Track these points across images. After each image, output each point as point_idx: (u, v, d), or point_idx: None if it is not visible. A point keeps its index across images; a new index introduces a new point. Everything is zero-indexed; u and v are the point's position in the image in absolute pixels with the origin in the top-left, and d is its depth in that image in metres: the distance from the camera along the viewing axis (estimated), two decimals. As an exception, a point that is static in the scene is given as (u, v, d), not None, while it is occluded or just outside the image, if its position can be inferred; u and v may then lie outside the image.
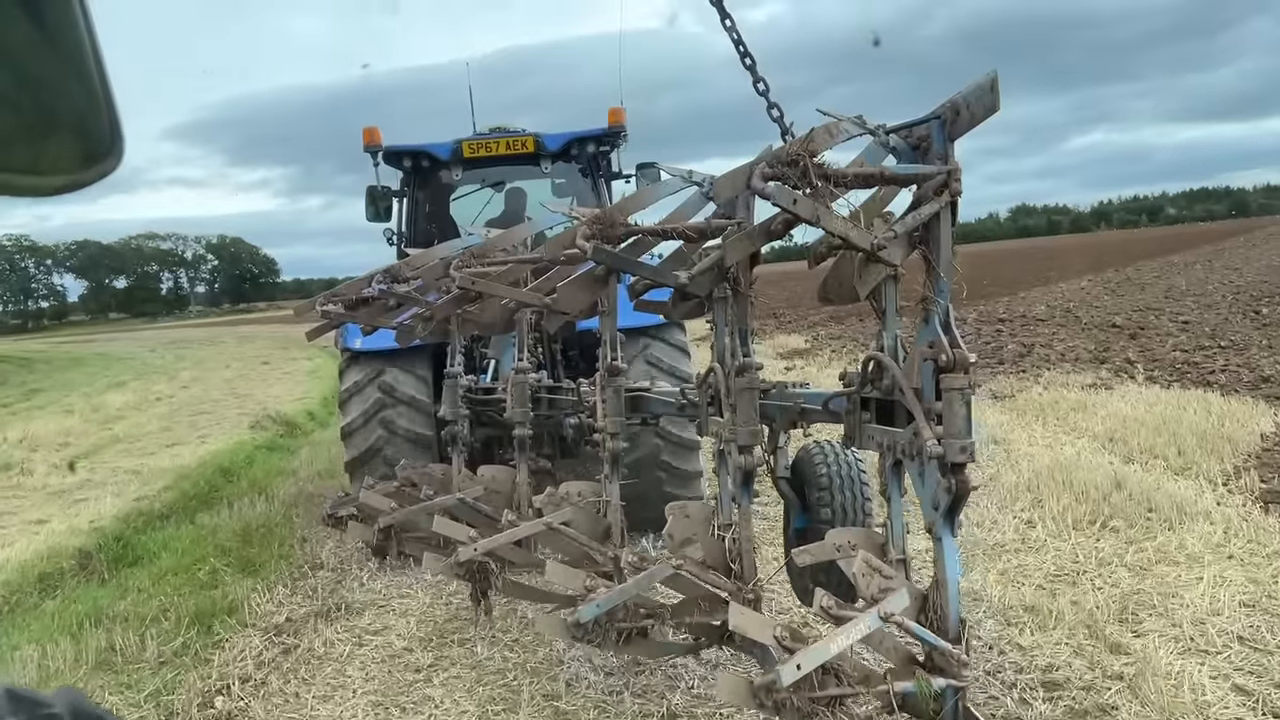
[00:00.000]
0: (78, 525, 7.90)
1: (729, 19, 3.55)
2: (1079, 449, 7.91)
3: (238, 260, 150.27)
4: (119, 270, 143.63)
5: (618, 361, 4.33)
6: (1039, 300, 25.51)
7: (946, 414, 2.69)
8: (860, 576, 2.66)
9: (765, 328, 24.80)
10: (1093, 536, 5.72)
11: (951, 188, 2.61)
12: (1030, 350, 14.77)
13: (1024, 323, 19.58)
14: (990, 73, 2.57)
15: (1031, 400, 10.33)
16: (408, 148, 7.84)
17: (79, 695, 0.73)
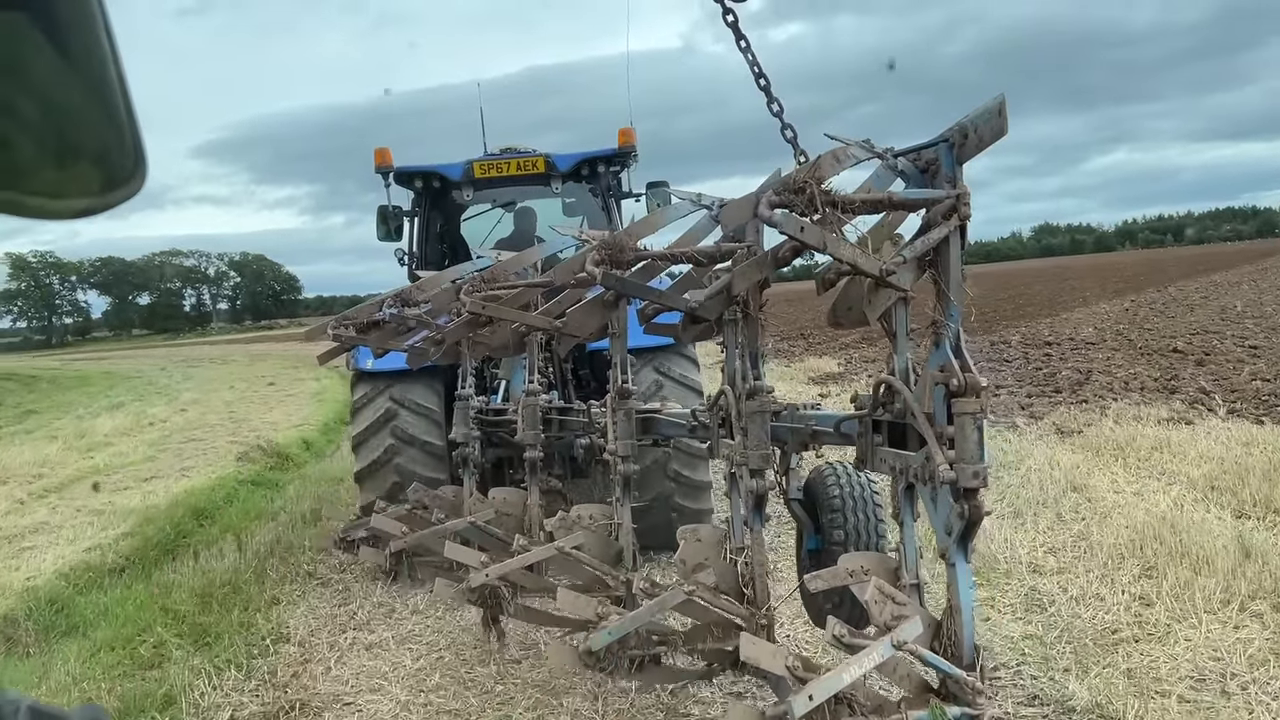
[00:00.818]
0: (10, 583, 6.86)
1: (744, 40, 3.56)
2: (1176, 499, 6.72)
3: (260, 277, 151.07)
4: (142, 287, 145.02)
5: (628, 384, 4.32)
6: (1083, 321, 23.90)
7: (959, 439, 2.67)
8: (873, 604, 2.63)
9: (794, 349, 23.76)
10: (1230, 622, 4.58)
11: (960, 211, 2.60)
12: (1088, 377, 13.48)
13: (1073, 345, 18.08)
14: (998, 97, 2.56)
15: (1104, 437, 9.12)
16: (419, 168, 7.88)
17: (101, 712, 0.73)
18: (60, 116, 0.57)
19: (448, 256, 8.18)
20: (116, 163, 0.61)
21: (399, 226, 8.14)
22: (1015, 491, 7.22)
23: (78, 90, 0.57)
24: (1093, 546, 5.83)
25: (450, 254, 8.26)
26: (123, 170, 0.61)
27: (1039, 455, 8.30)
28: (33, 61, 0.54)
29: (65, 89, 0.56)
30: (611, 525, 4.39)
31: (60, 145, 0.58)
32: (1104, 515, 6.45)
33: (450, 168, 7.77)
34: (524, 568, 4.09)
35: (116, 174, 0.61)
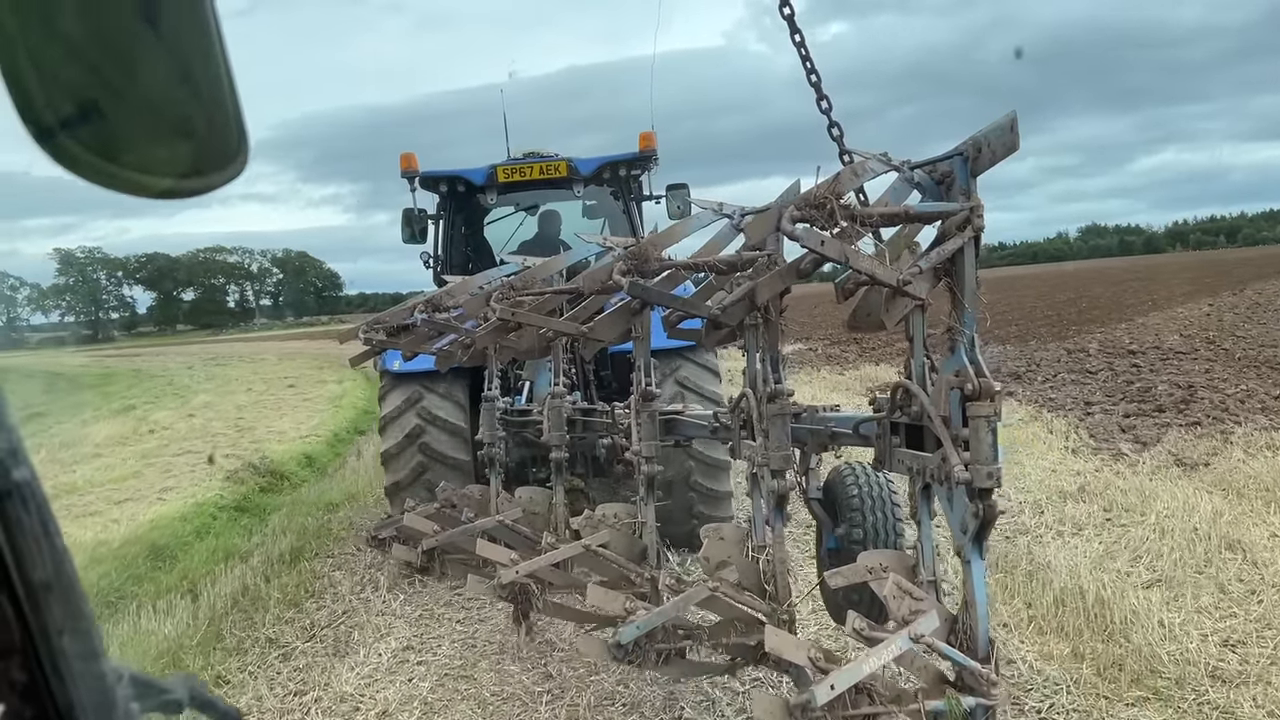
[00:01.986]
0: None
1: (799, 34, 3.65)
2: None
3: (302, 274, 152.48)
4: (186, 283, 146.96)
5: (652, 387, 4.45)
6: (1162, 327, 21.54)
7: (973, 441, 2.78)
8: (891, 599, 2.75)
9: (845, 354, 21.63)
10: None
11: (974, 223, 2.71)
12: (1193, 393, 11.66)
13: (1160, 355, 16.09)
14: (1010, 113, 2.67)
15: (1239, 472, 7.48)
16: (443, 173, 8.04)
17: (197, 681, 0.76)
18: (151, 93, 0.59)
19: (471, 259, 8.34)
20: (208, 143, 0.62)
21: (423, 229, 8.31)
22: (1153, 550, 5.79)
23: (168, 69, 0.59)
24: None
25: (474, 257, 8.42)
26: (217, 152, 0.63)
27: (1166, 497, 6.81)
28: (130, 41, 0.57)
29: (156, 66, 0.58)
30: (635, 524, 4.52)
31: (150, 121, 0.60)
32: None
33: (474, 172, 7.93)
34: (552, 565, 4.23)
35: (209, 155, 0.62)
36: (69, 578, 0.57)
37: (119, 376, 33.61)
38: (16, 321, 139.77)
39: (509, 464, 6.21)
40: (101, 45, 0.57)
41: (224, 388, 25.02)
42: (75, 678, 0.57)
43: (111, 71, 0.57)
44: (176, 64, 0.59)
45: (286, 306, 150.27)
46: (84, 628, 0.58)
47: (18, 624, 0.55)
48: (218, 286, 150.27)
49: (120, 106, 0.58)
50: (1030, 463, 8.55)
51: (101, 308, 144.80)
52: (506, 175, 7.83)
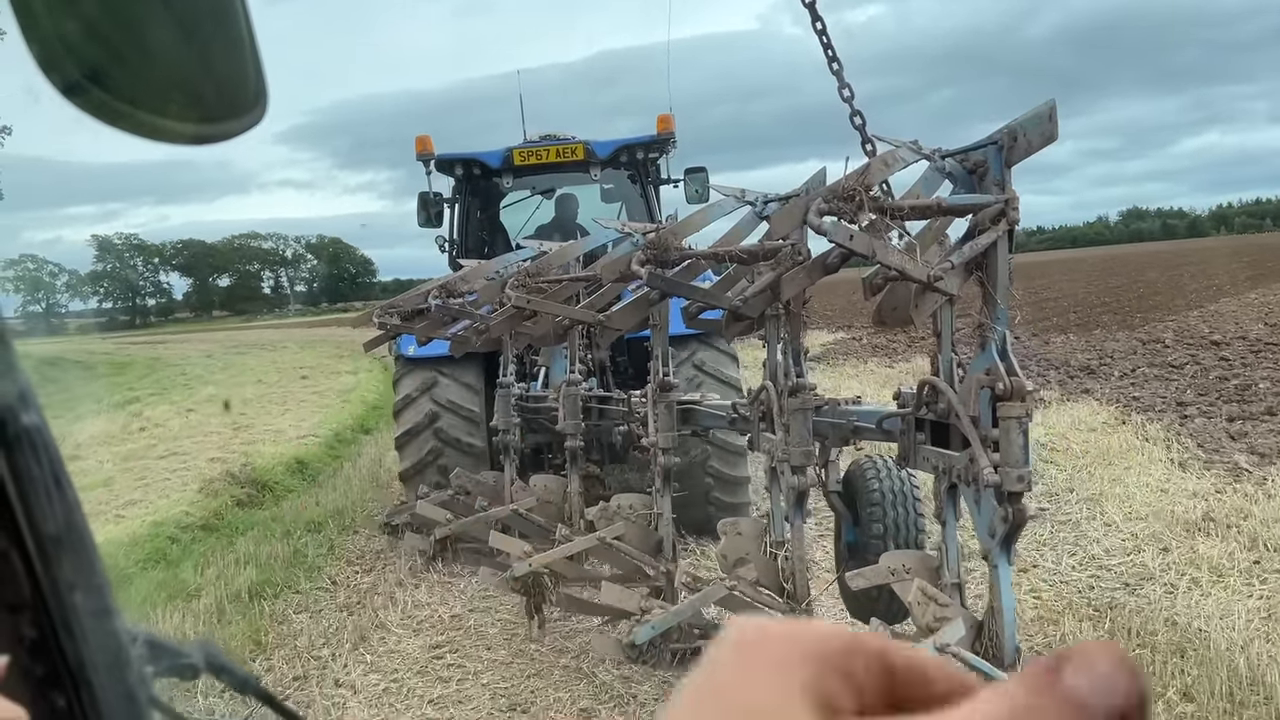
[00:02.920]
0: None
1: (820, 21, 3.54)
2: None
3: (337, 260, 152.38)
4: (221, 269, 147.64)
5: (670, 377, 4.37)
6: (1239, 315, 19.41)
7: (1003, 443, 2.68)
8: (916, 605, 2.66)
9: (894, 345, 19.33)
10: None
11: (1009, 216, 2.60)
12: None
13: (1249, 346, 14.28)
14: (1049, 101, 2.55)
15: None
16: (459, 156, 7.95)
17: (215, 647, 0.75)
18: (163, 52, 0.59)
19: (487, 243, 8.26)
20: (218, 97, 0.63)
21: (439, 213, 8.23)
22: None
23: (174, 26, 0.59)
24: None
25: (490, 241, 8.33)
26: (230, 104, 0.63)
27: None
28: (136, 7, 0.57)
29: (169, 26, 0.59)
30: (651, 515, 4.45)
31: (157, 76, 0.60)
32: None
33: (490, 155, 7.83)
34: (566, 557, 4.17)
35: (220, 107, 0.63)
36: (80, 531, 0.55)
37: (135, 366, 32.56)
38: (56, 308, 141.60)
39: (524, 450, 6.15)
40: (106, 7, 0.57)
41: (235, 379, 23.41)
42: (87, 635, 0.56)
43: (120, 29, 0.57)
44: (186, 17, 0.59)
45: (321, 293, 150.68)
46: (96, 584, 0.56)
47: (28, 578, 0.53)
48: (252, 273, 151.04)
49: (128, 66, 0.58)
50: (1132, 479, 7.17)
51: (138, 294, 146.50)
52: (523, 158, 7.74)
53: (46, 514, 0.53)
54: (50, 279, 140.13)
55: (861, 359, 17.95)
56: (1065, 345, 17.08)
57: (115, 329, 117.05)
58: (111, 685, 0.58)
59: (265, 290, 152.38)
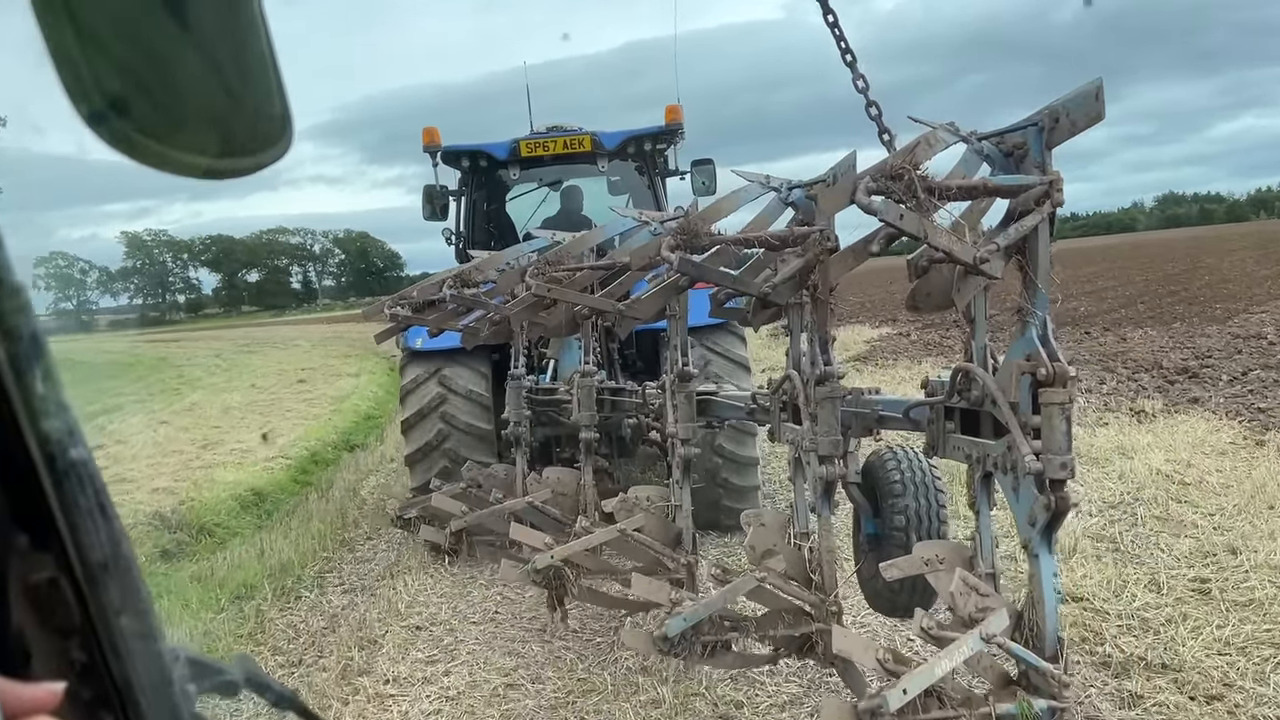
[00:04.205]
0: None
1: (832, 14, 3.51)
2: None
3: (364, 254, 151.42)
4: (250, 264, 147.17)
5: (689, 367, 4.31)
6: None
7: (1046, 429, 2.63)
8: (958, 595, 2.61)
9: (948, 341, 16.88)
10: None
11: (1053, 198, 2.55)
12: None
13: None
14: (1095, 80, 2.50)
15: None
16: (465, 147, 7.88)
17: (254, 663, 0.77)
18: (175, 84, 0.60)
19: (494, 236, 8.19)
20: (246, 130, 0.64)
21: (445, 206, 8.17)
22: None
23: (195, 60, 0.60)
24: None
25: (497, 233, 8.27)
26: (253, 137, 0.64)
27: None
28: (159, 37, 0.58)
29: (181, 58, 0.59)
30: (669, 507, 4.39)
31: (173, 110, 0.61)
32: None
33: (496, 146, 7.77)
34: (586, 549, 4.11)
35: (236, 141, 0.64)
36: (126, 558, 0.58)
37: (137, 366, 31.35)
38: (87, 304, 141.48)
39: (533, 443, 6.09)
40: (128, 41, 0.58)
41: (230, 382, 22.04)
42: (133, 657, 0.58)
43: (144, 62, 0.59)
44: (206, 55, 0.61)
45: (349, 287, 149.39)
46: (141, 608, 0.59)
47: (77, 605, 0.55)
48: (281, 268, 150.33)
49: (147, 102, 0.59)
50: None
51: (168, 290, 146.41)
52: (529, 150, 7.67)
53: (94, 542, 0.55)
54: (81, 276, 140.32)
55: (914, 358, 15.90)
56: (1147, 342, 14.78)
57: (145, 325, 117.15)
58: (157, 704, 0.60)
59: (294, 285, 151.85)
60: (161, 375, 26.57)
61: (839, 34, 3.68)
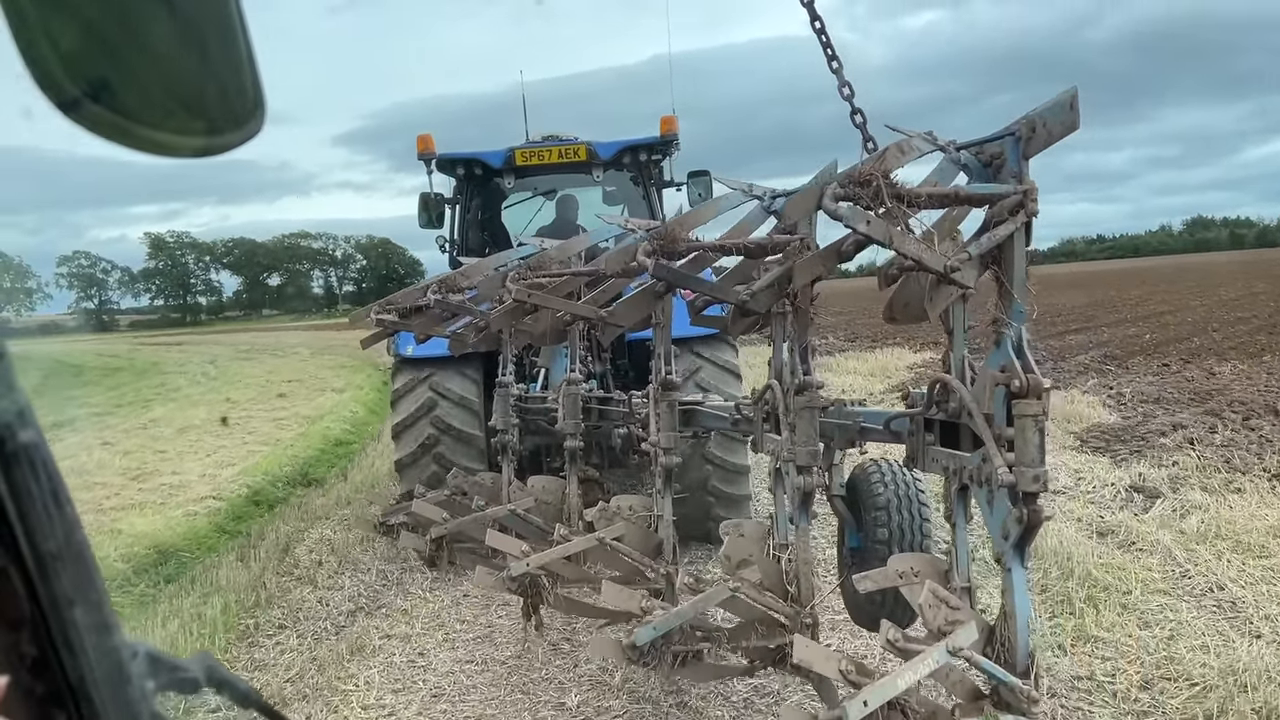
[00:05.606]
0: None
1: (819, 21, 3.51)
2: None
3: (386, 260, 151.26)
4: (272, 268, 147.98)
5: (672, 376, 4.28)
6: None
7: (1019, 441, 2.60)
8: (927, 608, 2.58)
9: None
10: None
11: (1027, 208, 2.53)
12: None
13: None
14: (1070, 89, 2.48)
15: None
16: (461, 155, 7.89)
17: (215, 660, 0.74)
18: (161, 64, 0.60)
19: (489, 244, 8.19)
20: (221, 109, 0.64)
21: (440, 214, 8.18)
22: None
23: (180, 41, 0.60)
24: None
25: (491, 241, 8.26)
26: (231, 116, 0.64)
27: None
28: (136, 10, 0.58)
29: (167, 39, 0.59)
30: (651, 517, 4.36)
31: (162, 90, 0.61)
32: None
33: (492, 155, 7.78)
34: (564, 558, 4.07)
35: (222, 120, 0.64)
36: (79, 547, 0.56)
37: (122, 372, 30.11)
38: (108, 304, 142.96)
39: (523, 452, 6.07)
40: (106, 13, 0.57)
41: (206, 395, 20.55)
42: (87, 651, 0.56)
43: (118, 40, 0.58)
44: (181, 29, 0.60)
45: (369, 293, 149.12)
46: (95, 600, 0.56)
47: (27, 596, 0.53)
48: (302, 272, 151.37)
49: (128, 77, 0.59)
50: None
51: (190, 291, 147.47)
52: (525, 158, 7.68)
53: (46, 531, 0.53)
54: (103, 276, 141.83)
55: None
56: (1240, 378, 12.68)
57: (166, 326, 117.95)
58: (113, 701, 0.58)
59: (315, 290, 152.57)
60: (140, 383, 25.14)
61: (825, 40, 3.67)
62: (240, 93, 0.64)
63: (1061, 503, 7.00)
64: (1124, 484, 7.47)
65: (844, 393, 9.54)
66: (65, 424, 15.64)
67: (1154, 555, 5.76)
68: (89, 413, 17.83)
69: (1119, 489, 7.38)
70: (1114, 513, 6.74)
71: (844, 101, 3.50)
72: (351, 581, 6.31)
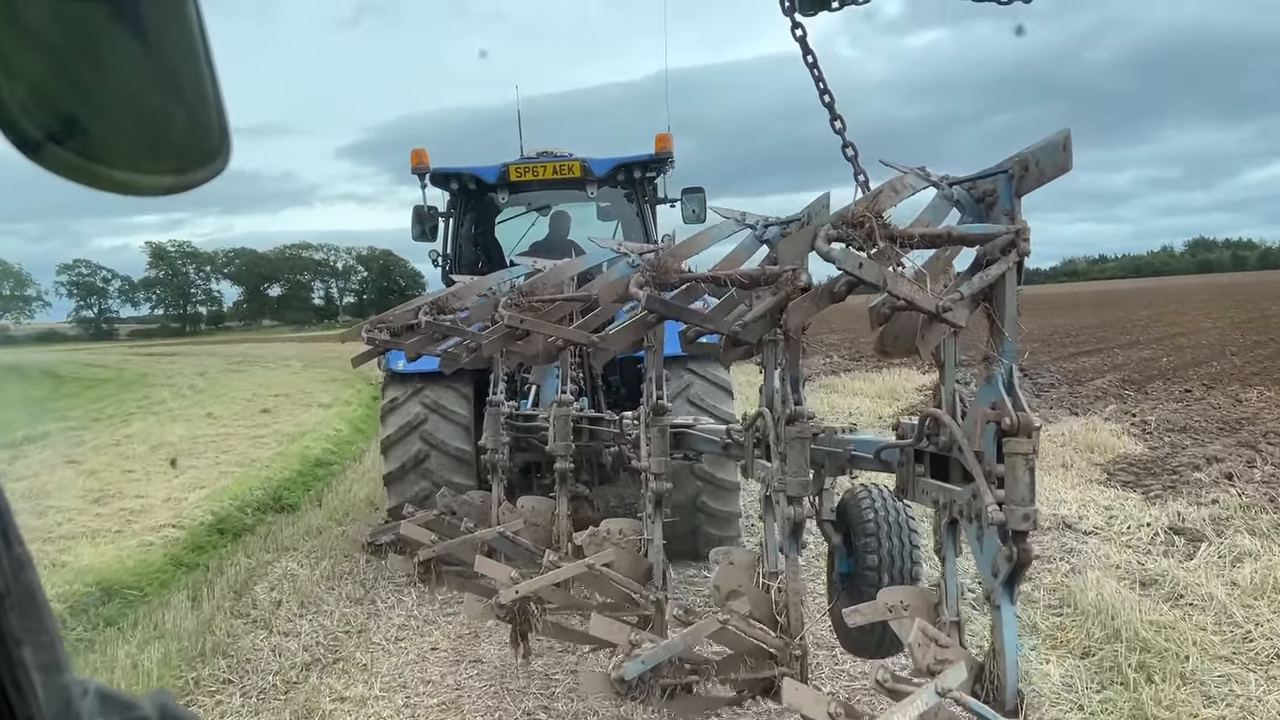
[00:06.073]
0: None
1: (811, 55, 3.53)
2: None
3: (387, 272, 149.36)
4: (272, 278, 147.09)
5: (664, 400, 4.28)
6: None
7: (1009, 479, 2.60)
8: (916, 646, 2.57)
9: (1051, 395, 14.55)
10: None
11: (1019, 248, 2.54)
12: None
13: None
14: (1063, 131, 2.50)
15: None
16: (455, 170, 7.89)
17: (170, 698, 0.73)
18: (135, 103, 0.60)
19: (482, 259, 8.19)
20: (191, 147, 0.63)
21: (434, 227, 8.17)
22: None
23: (155, 79, 0.60)
24: None
25: (485, 256, 8.26)
26: (199, 151, 0.64)
27: None
28: (111, 50, 0.57)
29: (141, 77, 0.59)
30: (641, 541, 4.35)
31: (135, 130, 0.60)
32: None
33: (486, 170, 7.78)
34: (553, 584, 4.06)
35: (191, 154, 0.63)
36: (29, 586, 0.55)
37: (108, 384, 28.96)
38: (107, 313, 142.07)
39: (513, 469, 6.06)
40: (78, 53, 0.57)
41: (188, 409, 19.57)
42: (36, 691, 0.55)
43: (90, 80, 0.57)
44: (156, 67, 0.60)
45: (370, 305, 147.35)
46: (45, 640, 0.56)
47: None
48: (303, 283, 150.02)
49: (100, 117, 0.58)
50: None
51: (190, 301, 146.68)
52: (519, 174, 7.68)
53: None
54: (103, 284, 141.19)
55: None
56: (1271, 405, 12.10)
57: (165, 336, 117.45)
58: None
59: (316, 301, 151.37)
60: (123, 396, 24.01)
61: (818, 75, 3.69)
62: (208, 129, 0.64)
63: (1095, 546, 6.48)
64: (1162, 524, 6.84)
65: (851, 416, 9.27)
66: (36, 439, 15.04)
67: (1207, 612, 5.18)
68: (64, 427, 16.93)
69: (1156, 530, 6.75)
70: (1155, 559, 6.14)
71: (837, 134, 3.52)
72: (310, 627, 5.68)
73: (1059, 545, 6.51)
